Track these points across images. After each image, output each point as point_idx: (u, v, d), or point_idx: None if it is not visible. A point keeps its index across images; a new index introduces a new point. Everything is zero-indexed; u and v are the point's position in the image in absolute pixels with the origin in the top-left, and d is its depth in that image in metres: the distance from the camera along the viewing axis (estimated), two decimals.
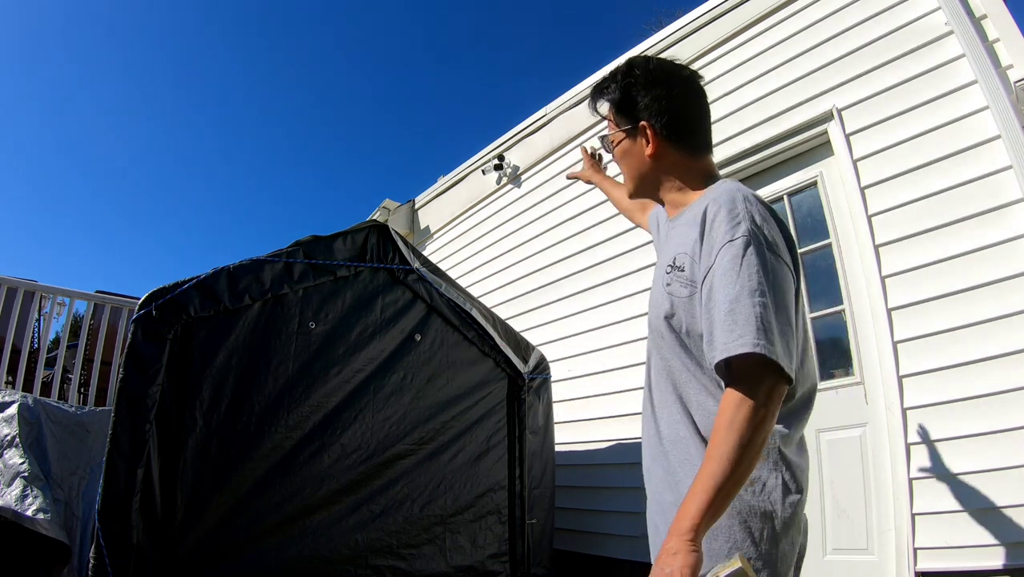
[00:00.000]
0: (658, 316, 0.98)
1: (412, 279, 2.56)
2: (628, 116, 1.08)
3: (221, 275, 2.05)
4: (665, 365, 0.98)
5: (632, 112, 1.07)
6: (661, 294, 0.98)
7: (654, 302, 1.02)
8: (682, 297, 0.93)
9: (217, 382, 2.01)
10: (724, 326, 0.81)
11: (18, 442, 2.24)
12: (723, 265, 0.85)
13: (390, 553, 2.28)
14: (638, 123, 1.06)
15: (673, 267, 0.96)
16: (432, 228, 5.23)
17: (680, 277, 0.94)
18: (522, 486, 2.75)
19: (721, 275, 0.84)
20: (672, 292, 0.95)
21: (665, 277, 0.98)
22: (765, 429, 0.78)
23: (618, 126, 1.10)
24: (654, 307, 1.02)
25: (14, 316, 3.48)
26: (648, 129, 1.04)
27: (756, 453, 0.78)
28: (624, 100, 1.07)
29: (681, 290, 0.93)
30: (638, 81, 1.06)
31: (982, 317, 2.11)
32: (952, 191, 2.27)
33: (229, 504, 1.98)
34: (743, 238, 0.85)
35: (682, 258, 0.95)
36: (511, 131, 4.47)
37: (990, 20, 2.33)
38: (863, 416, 2.41)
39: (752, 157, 2.99)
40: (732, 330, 0.80)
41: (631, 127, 1.07)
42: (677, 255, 0.96)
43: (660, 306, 0.98)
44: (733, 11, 3.18)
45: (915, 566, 2.09)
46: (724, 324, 0.81)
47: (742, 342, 0.79)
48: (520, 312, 4.05)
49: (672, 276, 0.96)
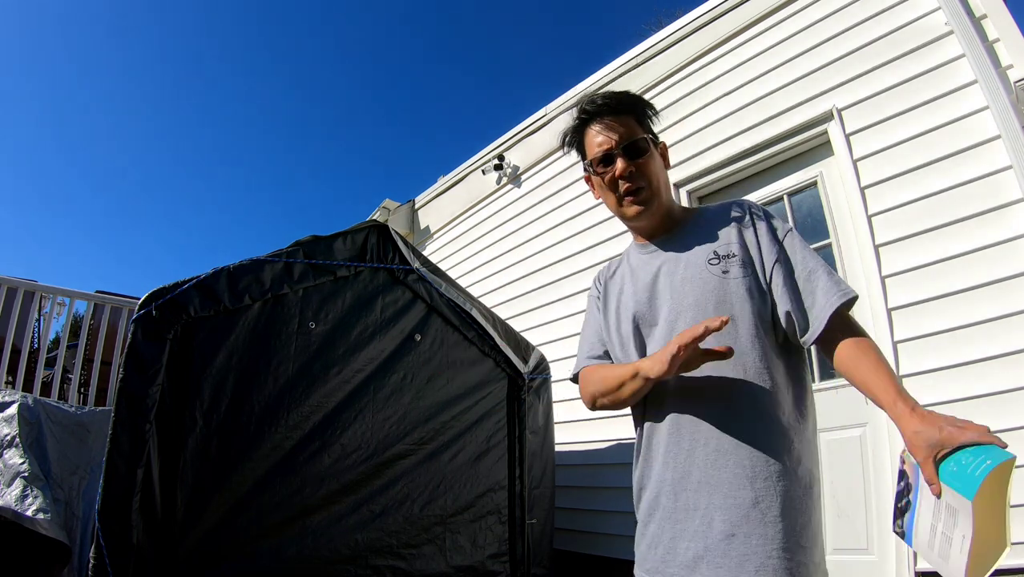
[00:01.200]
0: (716, 306, 1.01)
1: (412, 279, 2.56)
2: (649, 132, 1.15)
3: (221, 275, 2.05)
4: (718, 342, 0.97)
5: (651, 131, 1.15)
6: (713, 284, 1.02)
7: (702, 291, 1.02)
8: (738, 278, 1.02)
9: (217, 382, 2.01)
10: (833, 281, 0.98)
11: (18, 442, 2.24)
12: (798, 245, 1.03)
13: (390, 553, 2.28)
14: (658, 141, 1.15)
15: (721, 257, 1.04)
16: (432, 228, 5.23)
17: (734, 261, 1.03)
18: (522, 486, 2.75)
19: (803, 250, 1.03)
20: (730, 276, 1.02)
21: (714, 268, 1.03)
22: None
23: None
24: (705, 296, 1.02)
25: (14, 316, 3.48)
26: (666, 150, 1.19)
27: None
28: (647, 116, 1.16)
29: (739, 271, 1.02)
30: (650, 108, 1.17)
31: (982, 317, 2.11)
32: (952, 191, 2.27)
33: (229, 504, 1.97)
34: (792, 228, 1.07)
35: (727, 248, 1.05)
36: (511, 131, 4.47)
37: (990, 20, 2.33)
38: (863, 416, 2.41)
39: (752, 157, 2.99)
40: (840, 283, 0.97)
41: (654, 139, 1.15)
42: (717, 248, 1.06)
43: (715, 295, 1.01)
44: (733, 11, 3.18)
45: (915, 566, 2.09)
46: (831, 281, 0.98)
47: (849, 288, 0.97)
48: (520, 312, 4.05)
49: (726, 264, 1.03)
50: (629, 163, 1.09)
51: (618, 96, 1.14)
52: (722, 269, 1.02)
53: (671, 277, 1.07)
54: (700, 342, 0.89)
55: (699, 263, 1.05)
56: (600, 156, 1.11)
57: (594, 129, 1.13)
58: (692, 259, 1.06)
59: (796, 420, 0.97)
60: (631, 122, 1.11)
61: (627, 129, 1.10)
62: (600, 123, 1.12)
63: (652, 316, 1.08)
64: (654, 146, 1.14)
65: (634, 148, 1.10)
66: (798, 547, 0.88)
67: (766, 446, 0.93)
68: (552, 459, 2.93)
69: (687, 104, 3.35)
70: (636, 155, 1.10)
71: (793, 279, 1.00)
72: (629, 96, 1.15)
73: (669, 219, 1.15)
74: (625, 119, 1.11)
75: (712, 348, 0.92)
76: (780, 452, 0.93)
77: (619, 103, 1.13)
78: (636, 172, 1.09)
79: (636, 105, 1.14)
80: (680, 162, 3.27)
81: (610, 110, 1.12)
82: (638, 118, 1.13)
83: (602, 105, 1.12)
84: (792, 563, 0.87)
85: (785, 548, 0.87)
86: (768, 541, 0.88)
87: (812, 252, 1.02)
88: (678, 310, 1.04)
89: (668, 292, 1.06)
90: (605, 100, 1.13)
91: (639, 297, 1.10)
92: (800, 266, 1.00)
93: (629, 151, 1.09)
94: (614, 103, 1.12)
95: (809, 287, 0.98)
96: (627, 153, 1.09)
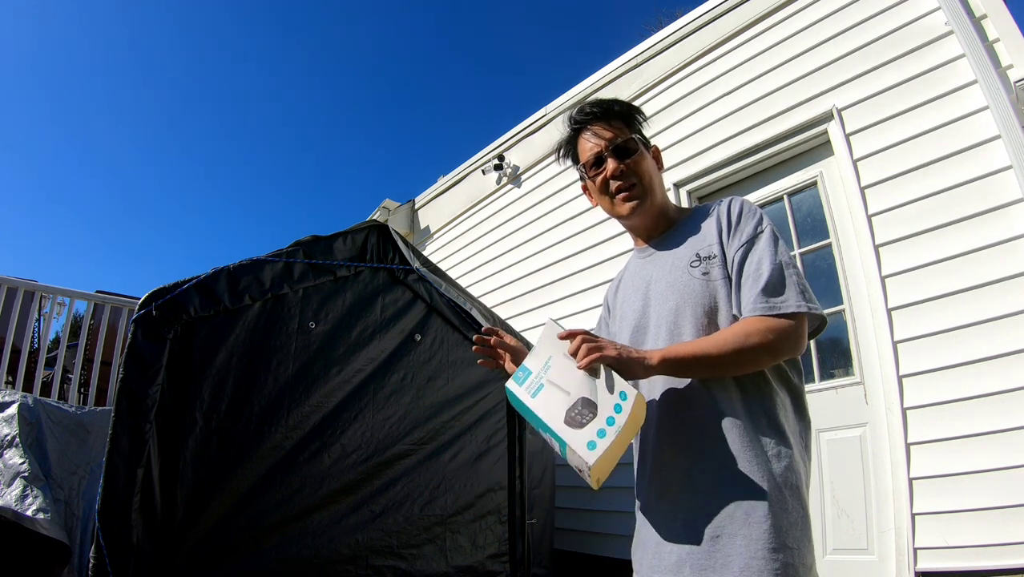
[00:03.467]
0: (693, 309, 1.02)
1: (412, 279, 2.55)
2: (640, 135, 1.17)
3: (221, 275, 2.05)
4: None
5: (641, 134, 1.18)
6: (692, 286, 1.03)
7: (681, 295, 1.04)
8: (718, 280, 1.03)
9: (217, 382, 2.00)
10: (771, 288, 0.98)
11: (18, 442, 2.23)
12: (762, 245, 1.02)
13: (390, 553, 2.28)
14: (649, 144, 1.18)
15: (703, 259, 1.06)
16: (432, 228, 5.23)
17: (715, 263, 1.04)
18: (522, 486, 2.74)
19: (765, 249, 1.01)
20: (711, 277, 1.03)
21: (695, 270, 1.04)
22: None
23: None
24: (684, 300, 1.04)
25: (14, 316, 3.48)
26: (658, 153, 1.21)
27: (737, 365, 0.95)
28: (636, 121, 1.18)
29: (719, 272, 1.03)
30: (639, 113, 1.19)
31: (982, 317, 2.11)
32: (952, 191, 2.27)
33: (229, 504, 1.97)
34: (767, 228, 1.05)
35: (708, 249, 1.06)
36: (511, 131, 4.47)
37: (990, 20, 2.33)
38: (863, 416, 2.41)
39: (752, 157, 2.99)
40: (776, 295, 0.97)
41: (644, 141, 1.17)
42: (699, 249, 1.07)
43: (692, 298, 1.03)
44: (733, 11, 3.18)
45: (915, 566, 2.09)
46: (768, 286, 0.98)
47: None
48: (520, 312, 4.05)
49: (706, 265, 1.05)
50: (620, 162, 1.13)
51: (606, 103, 1.18)
52: (702, 271, 1.04)
53: (659, 283, 1.09)
54: None
55: (682, 266, 1.07)
56: (592, 159, 1.15)
57: (585, 136, 1.18)
58: (677, 262, 1.08)
59: (782, 419, 0.97)
60: (620, 126, 1.15)
61: (616, 132, 1.15)
62: (590, 130, 1.17)
63: (645, 322, 1.10)
64: (645, 148, 1.16)
65: (623, 148, 1.13)
66: (784, 547, 0.87)
67: (750, 446, 0.93)
68: (552, 459, 2.94)
69: (687, 104, 3.35)
70: (626, 155, 1.13)
71: (740, 277, 1.00)
72: (617, 102, 1.19)
73: (664, 219, 1.17)
74: (614, 123, 1.15)
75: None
76: (765, 452, 0.93)
77: (607, 110, 1.17)
78: (627, 171, 1.13)
79: (624, 110, 1.18)
80: (680, 162, 3.27)
81: (598, 117, 1.16)
82: (627, 122, 1.17)
83: (589, 113, 1.17)
84: (778, 564, 0.86)
85: (771, 548, 0.86)
86: (753, 541, 0.87)
87: (774, 253, 1.00)
88: (660, 315, 1.06)
89: (655, 297, 1.09)
90: (593, 108, 1.17)
91: (635, 306, 1.13)
92: (753, 266, 1.00)
93: (619, 151, 1.13)
94: (602, 110, 1.17)
95: (750, 287, 0.98)
96: (617, 153, 1.13)
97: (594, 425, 0.87)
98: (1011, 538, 1.92)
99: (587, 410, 0.89)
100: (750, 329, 0.93)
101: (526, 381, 0.97)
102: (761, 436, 0.94)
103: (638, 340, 1.10)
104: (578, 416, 0.89)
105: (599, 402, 0.89)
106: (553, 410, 0.91)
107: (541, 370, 0.96)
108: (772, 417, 0.96)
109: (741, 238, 1.03)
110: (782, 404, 0.99)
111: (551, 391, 0.94)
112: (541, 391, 0.95)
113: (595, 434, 0.86)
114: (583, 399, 0.90)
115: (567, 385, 0.93)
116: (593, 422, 0.87)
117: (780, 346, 0.94)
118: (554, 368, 0.96)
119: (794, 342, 0.96)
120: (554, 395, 0.93)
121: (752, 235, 1.03)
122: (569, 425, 0.89)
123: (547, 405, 0.92)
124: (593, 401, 0.89)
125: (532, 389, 0.95)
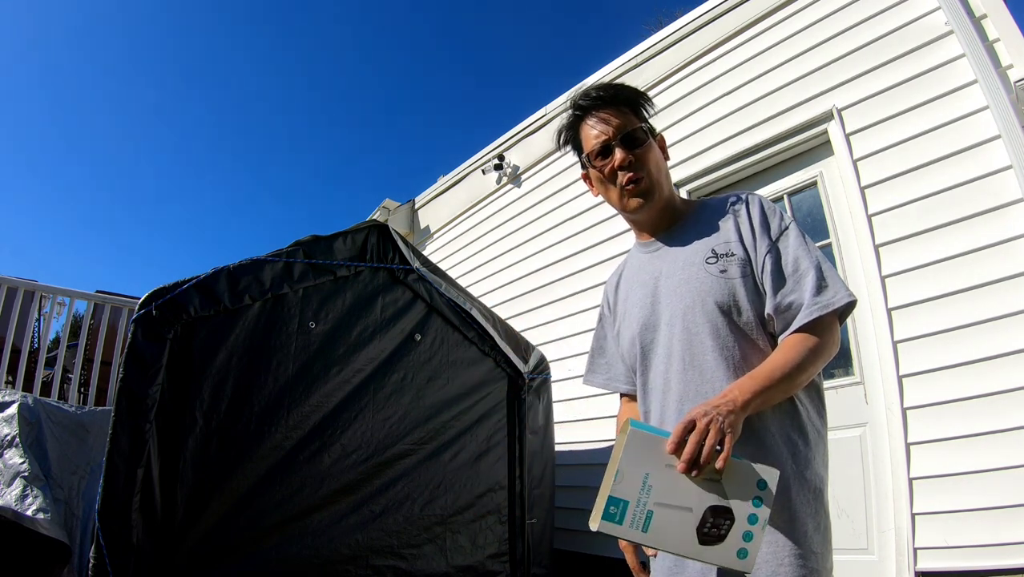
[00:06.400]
0: (709, 306, 0.99)
1: (412, 279, 2.55)
2: (646, 122, 1.12)
3: (221, 275, 2.05)
4: (719, 345, 0.97)
5: (647, 121, 1.12)
6: (709, 283, 1.00)
7: (697, 291, 1.01)
8: (736, 278, 0.99)
9: (217, 382, 2.00)
10: (818, 286, 0.95)
11: (18, 442, 2.23)
12: (792, 241, 1.00)
13: (390, 553, 2.28)
14: (655, 133, 1.12)
15: (720, 255, 1.02)
16: (432, 228, 5.22)
17: (733, 261, 1.00)
18: (522, 486, 2.74)
19: (797, 247, 0.99)
20: (729, 275, 1.00)
21: (711, 267, 1.01)
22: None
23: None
24: (700, 296, 1.00)
25: (14, 316, 3.48)
26: (664, 142, 1.15)
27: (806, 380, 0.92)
28: (643, 108, 1.12)
29: (738, 270, 0.99)
30: (646, 99, 1.13)
31: (982, 317, 2.11)
32: (952, 191, 2.27)
33: (229, 504, 1.97)
34: (792, 222, 1.03)
35: (726, 247, 1.02)
36: (511, 131, 4.47)
37: (990, 20, 2.33)
38: (863, 416, 2.41)
39: (752, 157, 2.99)
40: (825, 291, 0.94)
41: (651, 129, 1.12)
42: (715, 246, 1.03)
43: (710, 295, 0.99)
44: (733, 11, 3.18)
45: (915, 566, 2.09)
46: (816, 287, 0.95)
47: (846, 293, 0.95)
48: (520, 312, 4.05)
49: (724, 263, 1.01)
50: (628, 153, 1.05)
51: (613, 87, 1.11)
52: (720, 268, 1.00)
53: (670, 279, 1.05)
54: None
55: (697, 262, 1.02)
56: (598, 148, 1.07)
57: (590, 123, 1.10)
58: (691, 258, 1.04)
59: (805, 422, 0.95)
60: (627, 113, 1.08)
61: (624, 119, 1.07)
62: (595, 116, 1.09)
63: (655, 320, 1.06)
64: (652, 137, 1.10)
65: (632, 137, 1.06)
66: (811, 553, 0.87)
67: (773, 450, 0.91)
68: (552, 459, 2.93)
69: (687, 104, 3.35)
70: (634, 145, 1.06)
71: (779, 276, 0.97)
72: (624, 87, 1.12)
73: (671, 212, 1.12)
74: (621, 110, 1.08)
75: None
76: (788, 456, 0.91)
77: (614, 95, 1.10)
78: (635, 162, 1.06)
79: (632, 96, 1.11)
80: (680, 162, 3.27)
81: (605, 102, 1.09)
82: (634, 109, 1.10)
83: (596, 98, 1.09)
84: (805, 569, 0.85)
85: (798, 554, 0.86)
86: (779, 548, 0.86)
87: (807, 248, 0.99)
88: (674, 312, 1.02)
89: (667, 294, 1.04)
90: (599, 92, 1.09)
91: (643, 302, 1.08)
92: (790, 265, 0.97)
93: (627, 141, 1.06)
94: (609, 95, 1.09)
95: (792, 287, 0.96)
96: (625, 143, 1.06)
97: (736, 530, 0.74)
98: (1011, 538, 1.92)
99: (721, 519, 0.75)
100: (809, 343, 0.91)
101: (627, 516, 0.76)
102: (789, 439, 0.92)
103: (647, 338, 1.06)
104: (714, 529, 0.75)
105: (731, 503, 0.75)
106: (681, 537, 0.75)
107: (641, 495, 0.77)
108: (800, 418, 0.95)
109: (769, 238, 1.00)
110: (809, 404, 0.97)
111: (666, 516, 0.76)
112: (652, 520, 0.76)
113: (741, 539, 0.74)
114: (711, 508, 0.75)
115: (685, 500, 0.76)
116: (734, 528, 0.74)
117: (832, 349, 0.94)
118: (658, 487, 0.77)
119: (838, 336, 0.96)
120: (673, 519, 0.76)
121: (779, 233, 1.01)
122: (707, 544, 0.75)
123: (670, 534, 0.76)
124: (724, 506, 0.75)
125: (639, 522, 0.76)
